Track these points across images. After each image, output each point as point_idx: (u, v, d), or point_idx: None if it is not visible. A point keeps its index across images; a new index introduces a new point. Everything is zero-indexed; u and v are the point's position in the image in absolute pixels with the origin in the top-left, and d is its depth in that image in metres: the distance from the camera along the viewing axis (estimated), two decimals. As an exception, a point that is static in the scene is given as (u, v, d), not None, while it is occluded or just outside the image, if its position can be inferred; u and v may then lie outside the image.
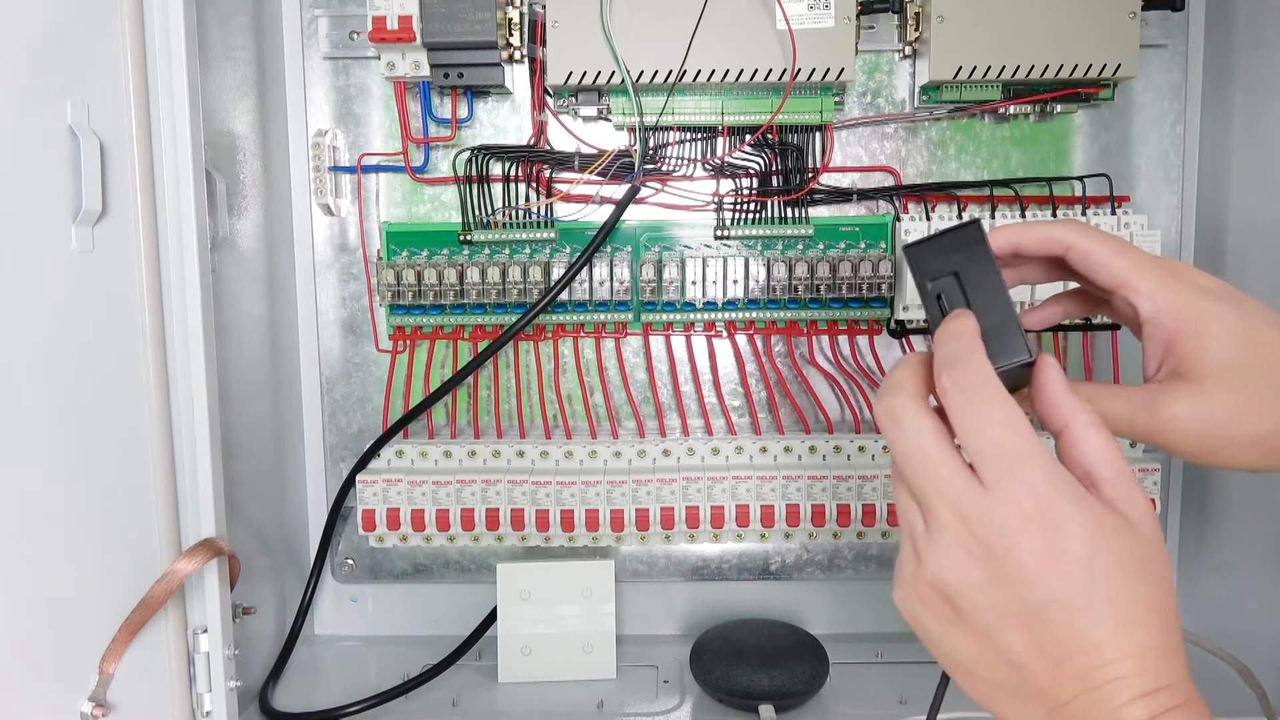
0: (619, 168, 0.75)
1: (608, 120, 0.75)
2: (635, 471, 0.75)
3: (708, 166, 0.77)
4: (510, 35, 0.72)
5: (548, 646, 0.76)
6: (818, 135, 0.76)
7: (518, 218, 0.77)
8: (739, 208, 0.76)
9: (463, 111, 0.77)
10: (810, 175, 0.76)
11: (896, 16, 0.74)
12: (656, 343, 0.80)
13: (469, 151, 0.76)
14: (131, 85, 0.55)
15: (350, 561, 0.83)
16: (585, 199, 0.77)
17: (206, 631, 0.60)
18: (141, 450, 0.57)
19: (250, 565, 0.69)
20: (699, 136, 0.76)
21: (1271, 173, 0.71)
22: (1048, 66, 0.70)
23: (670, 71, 0.70)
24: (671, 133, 0.76)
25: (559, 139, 0.78)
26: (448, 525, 0.75)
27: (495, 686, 0.76)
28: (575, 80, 0.70)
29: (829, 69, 0.70)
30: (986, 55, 0.70)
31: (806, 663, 0.71)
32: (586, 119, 0.77)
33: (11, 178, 0.47)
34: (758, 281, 0.76)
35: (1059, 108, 0.75)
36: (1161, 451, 0.53)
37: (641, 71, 0.70)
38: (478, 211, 0.77)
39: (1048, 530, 0.33)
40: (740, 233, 0.76)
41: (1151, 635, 0.32)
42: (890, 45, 0.76)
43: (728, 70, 0.70)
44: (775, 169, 0.76)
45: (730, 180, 0.77)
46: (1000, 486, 0.33)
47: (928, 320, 0.41)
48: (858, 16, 0.70)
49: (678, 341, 0.80)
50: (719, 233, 0.76)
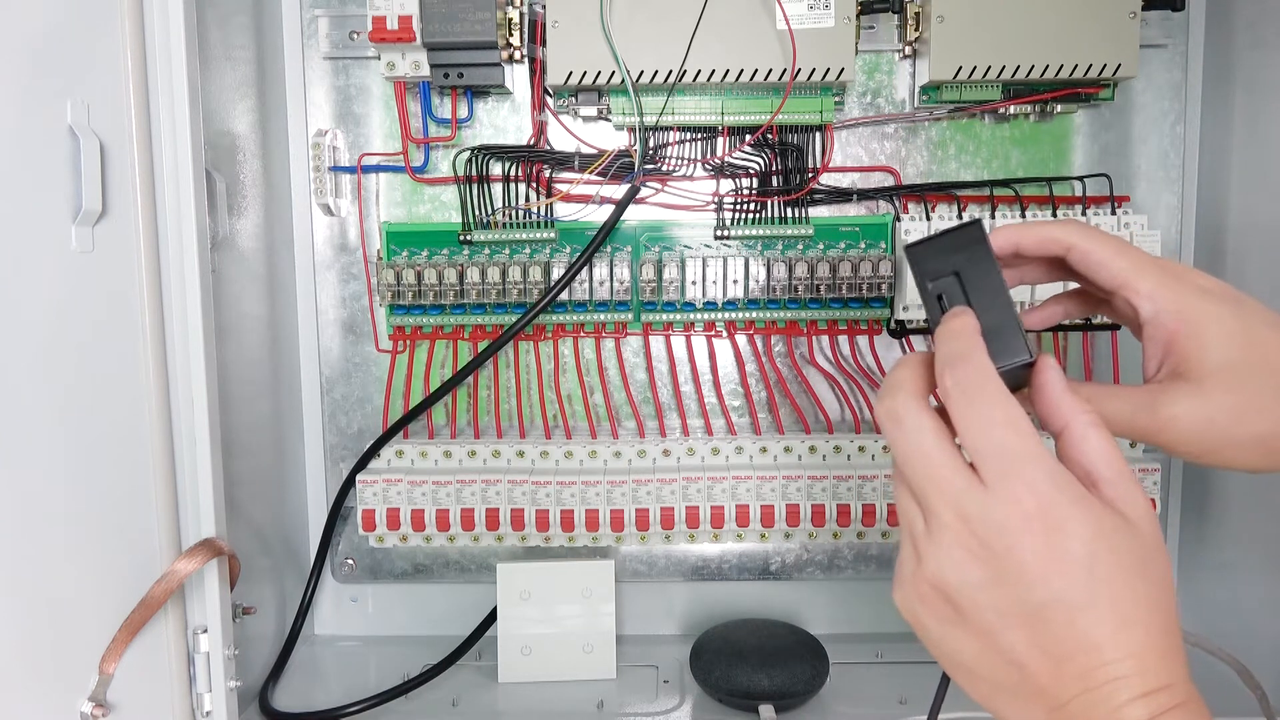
0: (619, 168, 0.75)
1: (608, 120, 0.75)
2: (635, 471, 0.75)
3: (708, 166, 0.77)
4: (510, 35, 0.72)
5: (548, 646, 0.76)
6: (818, 135, 0.76)
7: (518, 218, 0.77)
8: (739, 208, 0.76)
9: (463, 111, 0.77)
10: (810, 175, 0.76)
11: (896, 16, 0.75)
12: (656, 343, 0.80)
13: (469, 151, 0.76)
14: (131, 85, 0.55)
15: (350, 561, 0.83)
16: (585, 199, 0.77)
17: (206, 631, 0.60)
18: (141, 450, 0.57)
19: (250, 565, 0.69)
20: (699, 136, 0.76)
21: (1271, 173, 0.71)
22: (1048, 66, 0.70)
23: (670, 71, 0.70)
24: (671, 133, 0.76)
25: (559, 139, 0.78)
26: (448, 525, 0.75)
27: (495, 686, 0.76)
28: (575, 80, 0.70)
29: (829, 69, 0.70)
30: (986, 55, 0.70)
31: (806, 663, 0.72)
32: (586, 119, 0.77)
33: (11, 178, 0.47)
34: (758, 281, 0.76)
35: (1059, 108, 0.75)
36: (1161, 451, 0.53)
37: (641, 71, 0.70)
38: (478, 211, 0.77)
39: (1049, 530, 0.33)
40: (740, 233, 0.76)
41: (1151, 635, 0.32)
42: (890, 45, 0.76)
43: (728, 70, 0.70)
44: (775, 169, 0.76)
45: (730, 180, 0.77)
46: (1001, 486, 0.33)
47: (928, 320, 0.41)
48: (858, 16, 0.70)
49: (678, 341, 0.80)
50: (719, 233, 0.76)
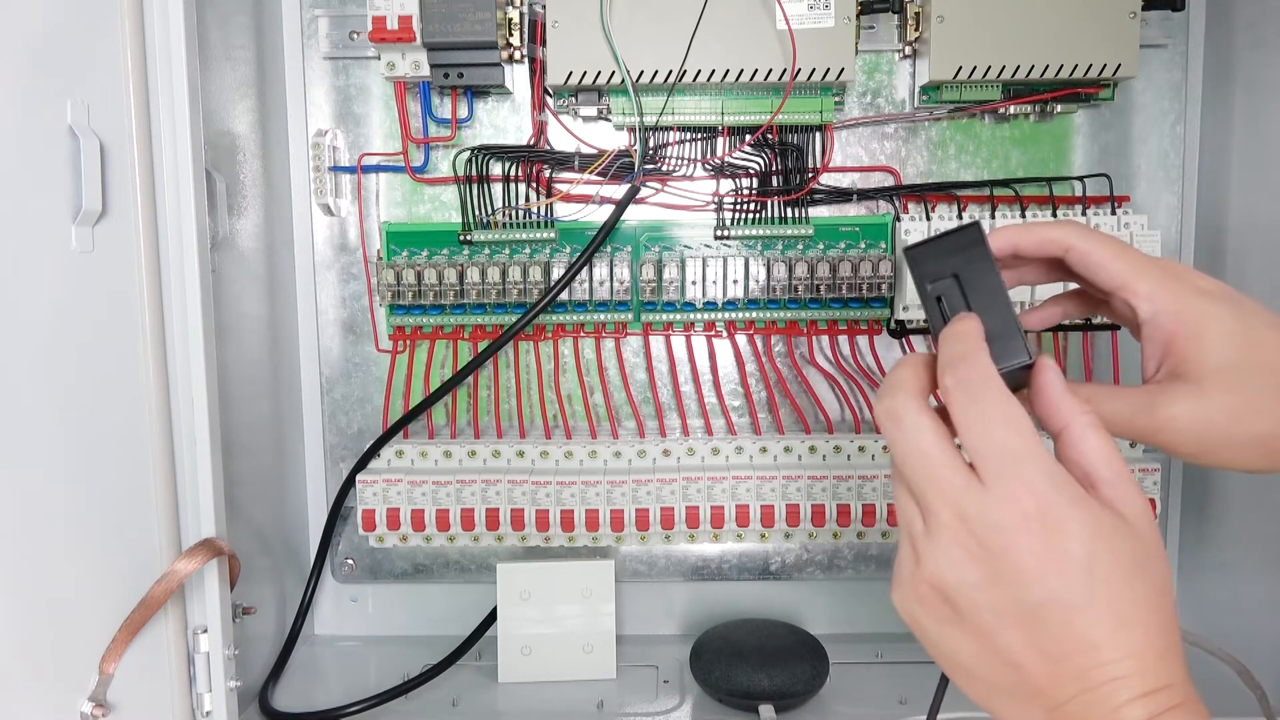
0: (619, 168, 0.75)
1: (608, 120, 0.75)
2: (635, 471, 0.75)
3: (708, 166, 0.77)
4: (510, 35, 0.72)
5: (548, 646, 0.76)
6: (818, 135, 0.76)
7: (518, 218, 0.77)
8: (739, 208, 0.76)
9: (463, 111, 0.77)
10: (810, 175, 0.76)
11: (896, 16, 0.75)
12: (656, 343, 0.80)
13: (469, 151, 0.76)
14: (131, 85, 0.55)
15: (350, 561, 0.83)
16: (585, 199, 0.77)
17: (206, 631, 0.60)
18: (141, 450, 0.57)
19: (250, 565, 0.69)
20: (699, 136, 0.76)
21: (1271, 173, 0.71)
22: (1048, 66, 0.70)
23: (670, 71, 0.70)
24: (671, 133, 0.76)
25: (559, 139, 0.78)
26: (448, 525, 0.75)
27: (495, 686, 0.76)
28: (575, 80, 0.70)
29: (829, 69, 0.70)
30: (986, 55, 0.70)
31: (806, 663, 0.72)
32: (586, 119, 0.77)
33: (11, 178, 0.47)
34: (758, 281, 0.76)
35: (1059, 108, 0.75)
36: (1161, 452, 0.53)
37: (641, 71, 0.70)
38: (478, 211, 0.77)
39: (1047, 530, 0.33)
40: (740, 233, 0.76)
41: (1150, 635, 0.32)
42: (890, 45, 0.76)
43: (728, 70, 0.70)
44: (775, 169, 0.76)
45: (730, 180, 0.77)
46: (999, 485, 0.33)
47: (928, 322, 0.41)
48: (858, 16, 0.70)
49: (678, 341, 0.80)
50: (719, 233, 0.76)
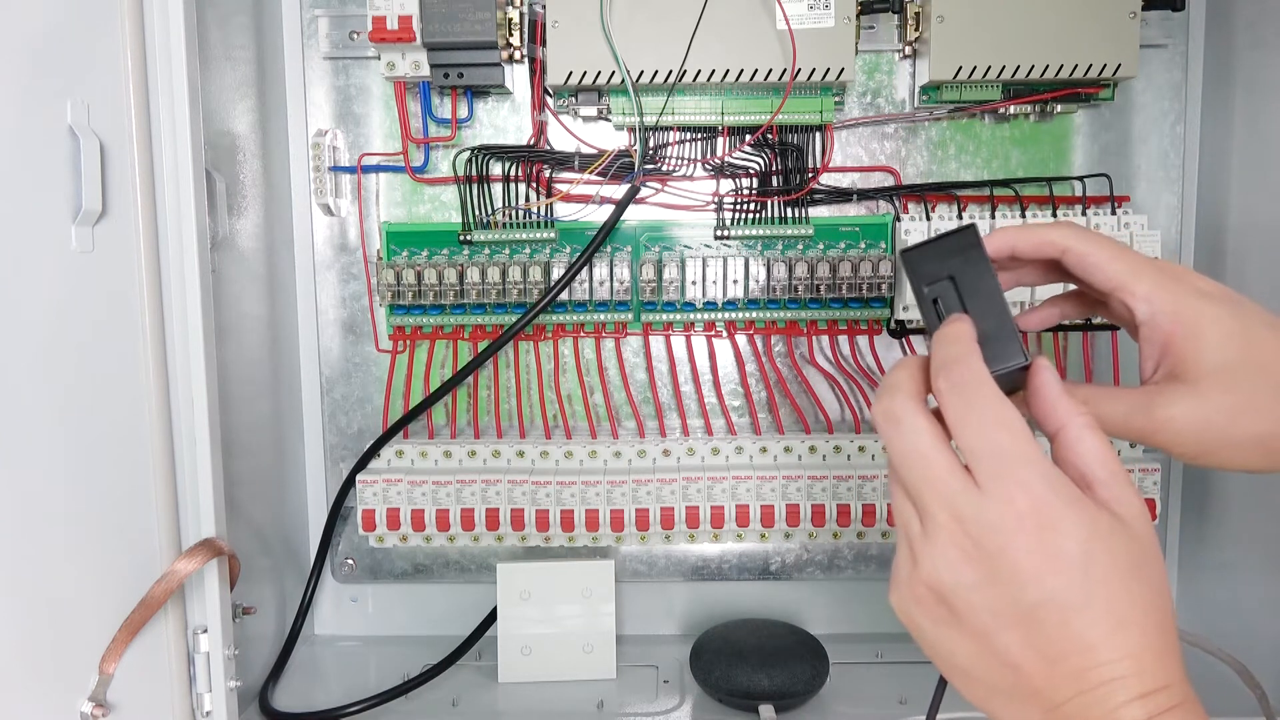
0: (619, 168, 0.75)
1: (608, 120, 0.75)
2: (635, 471, 0.75)
3: (708, 166, 0.77)
4: (510, 35, 0.72)
5: (548, 646, 0.77)
6: (818, 135, 0.76)
7: (518, 218, 0.77)
8: (739, 208, 0.76)
9: (463, 111, 0.77)
10: (810, 175, 0.76)
11: (896, 16, 0.74)
12: (656, 343, 0.80)
13: (469, 151, 0.77)
14: (131, 85, 0.55)
15: (350, 561, 0.83)
16: (585, 199, 0.77)
17: (206, 631, 0.60)
18: (141, 450, 0.57)
19: (250, 565, 0.69)
20: (699, 136, 0.76)
21: (1271, 173, 0.71)
22: (1048, 66, 0.70)
23: (670, 71, 0.70)
24: (671, 133, 0.76)
25: (559, 139, 0.78)
26: (448, 525, 0.75)
27: (495, 686, 0.76)
28: (575, 80, 0.70)
29: (829, 69, 0.70)
30: (986, 55, 0.70)
31: (806, 663, 0.72)
32: (586, 119, 0.77)
33: (11, 178, 0.47)
34: (758, 281, 0.76)
35: (1059, 108, 0.75)
36: (1160, 452, 0.53)
37: (641, 71, 0.70)
38: (478, 211, 0.77)
39: (1043, 530, 0.33)
40: (740, 233, 0.76)
41: (1148, 636, 0.32)
42: (890, 45, 0.76)
43: (728, 70, 0.70)
44: (775, 169, 0.76)
45: (730, 180, 0.77)
46: (995, 486, 0.33)
47: (924, 324, 0.41)
48: (858, 16, 0.70)
49: (678, 341, 0.80)
50: (719, 233, 0.76)
